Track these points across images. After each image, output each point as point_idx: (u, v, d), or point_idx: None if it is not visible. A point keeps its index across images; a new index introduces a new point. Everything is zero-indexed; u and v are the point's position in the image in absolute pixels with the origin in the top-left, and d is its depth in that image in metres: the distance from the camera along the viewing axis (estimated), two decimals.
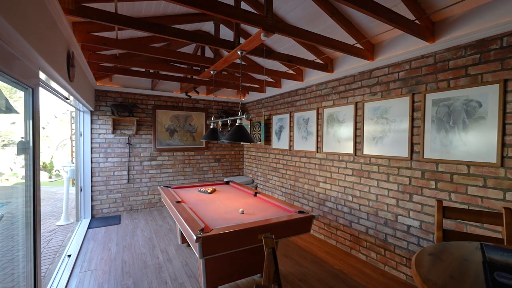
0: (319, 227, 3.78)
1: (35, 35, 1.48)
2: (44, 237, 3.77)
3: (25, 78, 1.53)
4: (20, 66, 1.46)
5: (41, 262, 1.83)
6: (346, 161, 3.33)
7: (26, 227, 1.73)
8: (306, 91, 4.07)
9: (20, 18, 1.26)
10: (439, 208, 1.61)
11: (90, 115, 4.41)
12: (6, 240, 1.96)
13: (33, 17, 1.46)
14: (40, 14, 1.58)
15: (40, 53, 1.57)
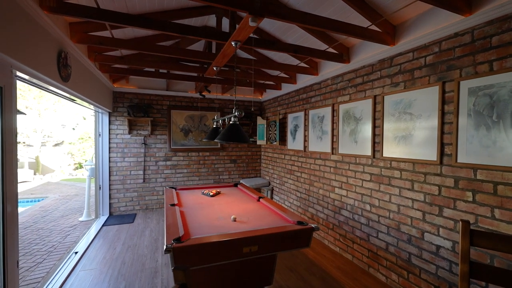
0: (334, 238, 3.36)
1: (1, 37, 1.43)
2: (64, 232, 3.98)
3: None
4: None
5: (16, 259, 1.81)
6: (364, 164, 2.88)
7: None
8: (321, 85, 3.67)
9: None
10: (464, 232, 1.17)
11: (108, 116, 4.58)
12: None
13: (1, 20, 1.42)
14: (9, 14, 1.54)
15: (9, 54, 1.53)
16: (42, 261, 3.06)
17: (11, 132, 1.69)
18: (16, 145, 1.82)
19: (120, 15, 2.19)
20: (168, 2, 2.68)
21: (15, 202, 1.76)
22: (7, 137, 1.65)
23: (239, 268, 2.22)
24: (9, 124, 1.67)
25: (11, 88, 1.67)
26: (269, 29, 3.26)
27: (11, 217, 1.69)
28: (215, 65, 3.13)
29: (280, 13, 1.97)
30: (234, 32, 2.20)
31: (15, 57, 1.61)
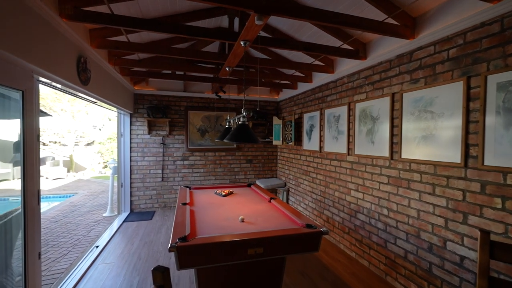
0: (350, 243, 3.22)
1: (22, 45, 1.54)
2: (88, 227, 4.23)
3: (14, 83, 1.61)
4: (6, 73, 1.54)
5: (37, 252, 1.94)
6: (381, 166, 2.72)
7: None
8: (337, 84, 3.54)
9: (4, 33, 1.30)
10: (483, 243, 1.05)
11: (129, 117, 4.79)
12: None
13: (20, 29, 1.52)
14: (29, 23, 1.65)
15: (29, 61, 1.65)
16: (67, 253, 3.28)
17: (32, 132, 1.82)
18: (38, 145, 1.96)
19: (134, 20, 2.28)
20: (180, 5, 2.73)
21: (36, 198, 1.89)
22: (28, 138, 1.77)
23: (247, 270, 2.20)
24: (30, 126, 1.80)
25: (32, 92, 1.80)
26: (282, 27, 3.21)
27: (32, 212, 1.82)
28: (228, 65, 3.15)
29: (287, 10, 1.92)
30: (242, 31, 2.18)
31: (35, 63, 1.73)
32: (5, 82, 1.54)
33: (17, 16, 1.55)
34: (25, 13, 1.63)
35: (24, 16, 1.63)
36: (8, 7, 1.48)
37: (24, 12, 1.62)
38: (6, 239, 1.88)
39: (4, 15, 1.44)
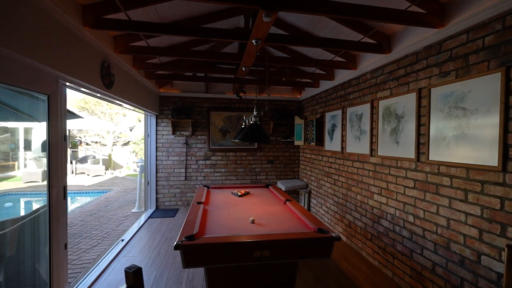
0: (373, 250, 3.00)
1: (48, 54, 1.69)
2: (118, 221, 4.53)
3: (40, 87, 1.77)
4: (32, 78, 1.70)
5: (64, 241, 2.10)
6: (406, 168, 2.49)
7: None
8: (360, 80, 3.34)
9: (32, 44, 1.43)
10: (511, 260, 0.88)
11: (155, 118, 5.03)
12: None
13: (46, 38, 1.67)
14: (54, 33, 1.80)
15: (54, 67, 1.80)
16: (96, 244, 3.54)
17: (57, 134, 1.98)
18: (65, 144, 2.13)
19: (152, 25, 2.38)
20: (196, 8, 2.78)
21: (62, 193, 2.05)
22: (54, 138, 1.93)
23: (257, 272, 2.15)
24: (56, 127, 1.96)
25: (57, 96, 1.95)
26: (299, 24, 3.11)
27: (57, 206, 1.98)
28: (244, 65, 3.14)
29: (296, 5, 1.84)
30: (252, 30, 2.15)
31: (60, 70, 1.88)
32: (31, 87, 1.70)
33: (43, 27, 1.70)
34: (51, 24, 1.78)
35: (50, 27, 1.77)
36: (36, 20, 1.63)
37: (50, 23, 1.77)
38: (40, 231, 2.08)
39: (31, 27, 1.58)
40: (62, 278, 2.07)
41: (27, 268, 2.11)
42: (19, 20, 1.50)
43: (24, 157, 9.95)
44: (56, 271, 1.98)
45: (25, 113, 2.79)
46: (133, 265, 0.71)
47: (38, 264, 2.17)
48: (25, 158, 10.01)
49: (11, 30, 1.45)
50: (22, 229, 2.25)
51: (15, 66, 1.58)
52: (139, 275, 0.70)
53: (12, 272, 2.18)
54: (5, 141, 10.32)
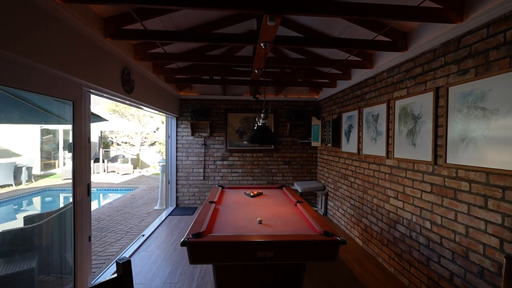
0: (389, 256, 2.88)
1: (72, 64, 1.88)
2: (141, 217, 4.81)
3: (65, 94, 1.97)
4: (58, 86, 1.90)
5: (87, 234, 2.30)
6: (423, 172, 2.37)
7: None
8: (376, 79, 3.22)
9: (59, 57, 1.62)
10: (509, 272, 0.82)
11: (176, 120, 5.27)
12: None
13: (70, 50, 1.86)
14: (78, 45, 1.99)
15: (78, 76, 1.99)
16: (120, 238, 3.80)
17: (81, 136, 2.17)
18: (89, 146, 2.33)
19: (167, 33, 2.52)
20: (209, 14, 2.89)
21: (86, 190, 2.25)
22: (78, 140, 2.13)
23: (264, 272, 2.18)
24: (80, 130, 2.15)
25: (81, 102, 2.15)
26: (311, 24, 3.08)
27: (81, 202, 2.18)
28: (255, 67, 3.18)
29: (300, 8, 1.85)
30: (259, 34, 2.19)
31: (83, 78, 2.06)
32: (57, 94, 1.89)
33: (69, 41, 1.89)
34: (76, 37, 1.97)
35: (75, 40, 1.96)
36: (62, 33, 1.81)
37: (75, 37, 1.96)
38: (67, 224, 2.30)
39: (57, 40, 1.77)
40: (85, 268, 2.27)
41: (56, 257, 2.34)
42: (47, 36, 1.69)
43: (63, 156, 10.92)
44: (80, 261, 2.18)
45: (61, 117, 3.09)
46: (123, 258, 0.78)
47: (66, 254, 2.40)
48: (64, 157, 10.97)
49: (42, 45, 1.63)
50: (54, 221, 2.51)
51: (44, 77, 1.77)
52: (127, 266, 0.77)
53: (44, 260, 2.44)
54: (48, 141, 11.34)
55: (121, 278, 0.76)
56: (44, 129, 10.37)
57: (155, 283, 2.56)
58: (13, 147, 9.39)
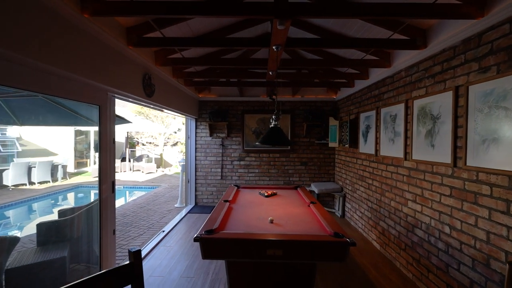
0: (407, 261, 2.79)
1: (99, 72, 2.06)
2: (162, 214, 5.05)
3: (92, 100, 2.16)
4: (86, 93, 2.09)
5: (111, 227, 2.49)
6: (442, 174, 2.28)
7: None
8: (394, 79, 3.13)
9: (88, 66, 1.80)
10: None
11: (195, 121, 5.46)
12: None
13: (97, 60, 2.04)
14: (105, 55, 2.18)
15: (104, 83, 2.17)
16: (143, 233, 4.03)
17: (107, 137, 2.36)
18: (114, 146, 2.52)
19: (183, 40, 2.67)
20: (223, 20, 2.98)
21: (110, 187, 2.44)
22: (103, 141, 2.32)
23: (275, 271, 2.22)
24: (105, 131, 2.34)
25: (106, 106, 2.34)
26: (325, 25, 3.06)
27: (106, 198, 2.37)
28: (270, 69, 3.23)
29: (309, 11, 1.87)
30: (271, 37, 2.24)
31: (108, 84, 2.25)
32: (86, 99, 2.08)
33: (95, 49, 2.07)
34: (101, 46, 2.16)
35: (101, 50, 2.15)
36: (90, 43, 2.00)
37: (100, 45, 2.15)
38: (94, 219, 2.51)
39: (87, 51, 1.95)
40: (110, 259, 2.46)
41: (85, 247, 2.56)
42: (78, 47, 1.87)
43: (93, 155, 11.70)
44: (105, 253, 2.37)
45: (89, 119, 3.36)
46: (134, 247, 0.88)
47: (94, 245, 2.62)
48: (94, 156, 11.76)
49: (73, 56, 1.82)
50: (83, 215, 2.74)
51: (75, 85, 1.97)
52: (138, 255, 0.86)
53: (75, 250, 2.67)
54: (80, 142, 12.22)
55: (132, 265, 0.85)
56: (78, 130, 11.21)
57: (173, 276, 2.70)
58: (50, 147, 10.26)
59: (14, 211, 5.93)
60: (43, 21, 1.60)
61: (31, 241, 3.39)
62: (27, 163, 7.45)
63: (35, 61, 1.55)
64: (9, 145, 8.84)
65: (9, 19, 1.39)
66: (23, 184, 7.32)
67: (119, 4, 1.89)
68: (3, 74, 1.46)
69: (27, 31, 1.49)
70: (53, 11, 1.66)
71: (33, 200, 6.46)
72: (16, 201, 6.00)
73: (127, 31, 2.47)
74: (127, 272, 0.84)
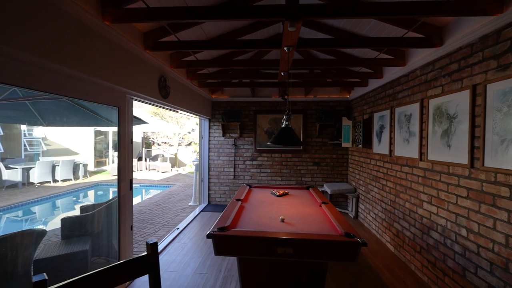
0: (422, 264, 2.73)
1: (118, 76, 2.18)
2: (176, 212, 5.19)
3: (112, 102, 2.28)
4: (107, 95, 2.21)
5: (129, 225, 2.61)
6: (459, 175, 2.22)
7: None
8: (409, 77, 3.07)
9: (109, 69, 1.92)
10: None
11: (208, 122, 5.57)
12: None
13: (118, 64, 2.16)
14: (123, 59, 2.29)
15: (123, 86, 2.29)
16: (158, 230, 4.17)
17: (125, 137, 2.48)
18: (131, 146, 2.64)
19: (197, 43, 2.75)
20: (236, 22, 3.05)
21: (128, 185, 2.56)
22: (122, 141, 2.44)
23: (285, 269, 2.25)
24: (124, 132, 2.46)
25: (125, 107, 2.46)
26: (338, 24, 3.05)
27: (124, 196, 2.48)
28: (281, 70, 3.26)
29: (322, 12, 1.88)
30: (282, 38, 2.27)
31: (127, 87, 2.36)
32: (106, 101, 2.20)
33: (115, 54, 2.19)
34: (120, 51, 2.27)
35: (120, 54, 2.26)
36: (110, 48, 2.12)
37: (119, 50, 2.26)
38: (113, 215, 2.64)
39: (107, 56, 2.07)
40: (128, 253, 2.58)
41: (105, 242, 2.70)
42: (98, 52, 1.99)
43: (112, 154, 12.16)
44: (123, 247, 2.48)
45: (109, 120, 3.53)
46: (151, 240, 0.94)
47: (113, 240, 2.75)
48: (113, 156, 12.21)
49: (95, 61, 1.93)
50: (103, 211, 2.89)
51: (97, 88, 2.09)
52: (155, 247, 0.92)
53: (96, 244, 2.82)
54: (100, 141, 12.72)
55: (149, 256, 0.91)
56: (97, 130, 11.70)
57: (187, 271, 2.79)
58: (72, 146, 10.78)
59: (40, 207, 6.29)
60: (68, 28, 1.71)
61: (55, 235, 3.61)
62: (51, 161, 7.87)
63: (62, 67, 1.67)
64: (35, 145, 9.37)
65: (41, 31, 1.50)
66: (47, 181, 7.74)
67: (138, 11, 1.98)
68: (37, 80, 1.59)
69: (57, 41, 1.61)
70: (76, 19, 1.78)
71: (57, 197, 6.82)
72: (41, 197, 6.37)
73: (144, 35, 2.58)
74: (144, 263, 0.90)
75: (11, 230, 5.23)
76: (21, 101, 3.13)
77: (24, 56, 1.46)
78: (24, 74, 1.54)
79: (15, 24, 1.37)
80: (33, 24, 1.47)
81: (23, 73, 1.53)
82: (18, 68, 1.49)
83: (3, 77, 1.42)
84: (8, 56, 1.42)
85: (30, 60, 1.52)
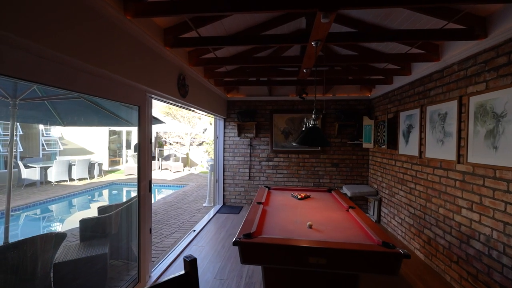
0: (460, 275, 2.52)
1: (139, 74, 2.09)
2: (191, 213, 5.12)
3: (133, 100, 2.19)
4: (128, 94, 2.12)
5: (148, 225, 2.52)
6: (508, 180, 2.00)
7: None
8: (444, 74, 2.85)
9: (129, 67, 1.83)
10: None
11: (223, 121, 5.47)
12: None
13: (138, 62, 2.07)
14: (144, 57, 2.20)
15: (143, 84, 2.20)
16: (174, 232, 4.09)
17: (145, 136, 2.39)
18: (150, 145, 2.55)
19: (218, 39, 2.63)
20: (258, 16, 2.91)
21: (147, 186, 2.47)
22: (142, 140, 2.35)
23: (314, 279, 2.10)
24: (144, 131, 2.38)
25: (145, 106, 2.37)
26: (366, 18, 2.87)
27: (144, 197, 2.40)
28: (304, 67, 3.11)
29: (358, 2, 1.72)
30: (311, 31, 2.12)
31: (147, 85, 2.27)
32: (127, 100, 2.12)
33: (135, 51, 2.10)
34: (141, 48, 2.18)
35: (141, 51, 2.17)
36: (131, 45, 2.03)
37: (140, 47, 2.17)
38: (132, 216, 2.56)
39: (128, 53, 1.98)
40: (147, 256, 2.49)
41: (123, 244, 2.62)
42: (120, 49, 1.90)
43: (125, 154, 12.31)
44: (143, 250, 2.40)
45: (125, 119, 3.47)
46: (189, 255, 0.82)
47: (131, 243, 2.67)
48: (127, 155, 12.35)
49: (117, 58, 1.84)
50: (122, 213, 2.81)
51: (119, 86, 2.00)
52: (194, 264, 0.80)
53: (114, 246, 2.75)
54: (114, 141, 12.89)
55: (187, 275, 0.79)
56: (111, 130, 11.86)
57: (207, 277, 2.68)
58: (87, 146, 10.96)
59: (57, 205, 6.37)
60: (91, 24, 1.63)
61: (73, 236, 3.59)
62: (68, 161, 7.99)
63: (86, 64, 1.58)
64: (52, 144, 9.57)
65: (65, 26, 1.42)
66: (64, 180, 7.86)
67: (161, 4, 1.88)
68: (61, 78, 1.50)
69: (81, 36, 1.52)
70: (98, 13, 1.69)
71: (73, 196, 6.90)
72: (58, 196, 6.45)
73: (164, 32, 2.48)
74: (182, 283, 0.78)
75: (30, 228, 5.29)
76: (40, 101, 3.11)
77: (61, 57, 1.42)
78: (53, 74, 1.46)
79: (49, 23, 1.29)
80: (65, 25, 1.39)
81: (54, 73, 1.47)
82: (48, 68, 1.43)
83: (34, 76, 1.35)
84: (40, 55, 1.36)
85: (66, 60, 1.45)
